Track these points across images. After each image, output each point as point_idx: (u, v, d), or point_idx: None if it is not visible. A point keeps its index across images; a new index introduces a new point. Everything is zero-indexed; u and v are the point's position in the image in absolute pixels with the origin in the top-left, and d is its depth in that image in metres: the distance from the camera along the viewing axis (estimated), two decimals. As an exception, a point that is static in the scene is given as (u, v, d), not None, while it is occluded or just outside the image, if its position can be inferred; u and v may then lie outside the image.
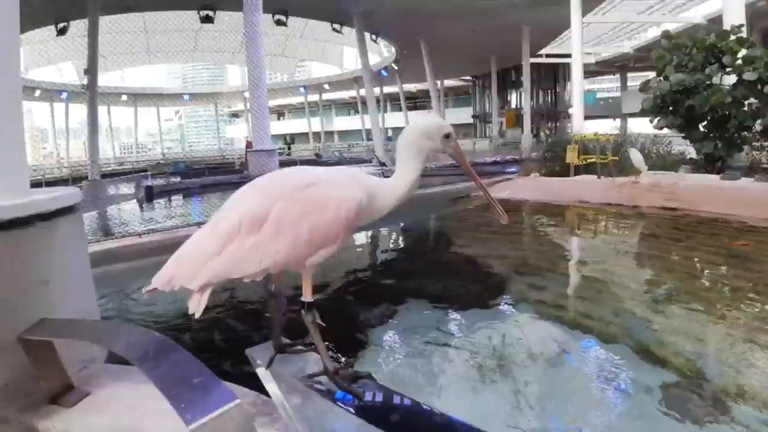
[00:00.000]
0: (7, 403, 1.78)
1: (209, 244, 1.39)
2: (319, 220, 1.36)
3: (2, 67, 2.04)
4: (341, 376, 1.44)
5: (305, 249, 1.37)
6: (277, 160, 19.54)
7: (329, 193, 1.40)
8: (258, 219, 1.35)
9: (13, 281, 1.83)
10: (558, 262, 6.33)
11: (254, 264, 1.35)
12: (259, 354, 1.61)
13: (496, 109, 36.77)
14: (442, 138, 1.53)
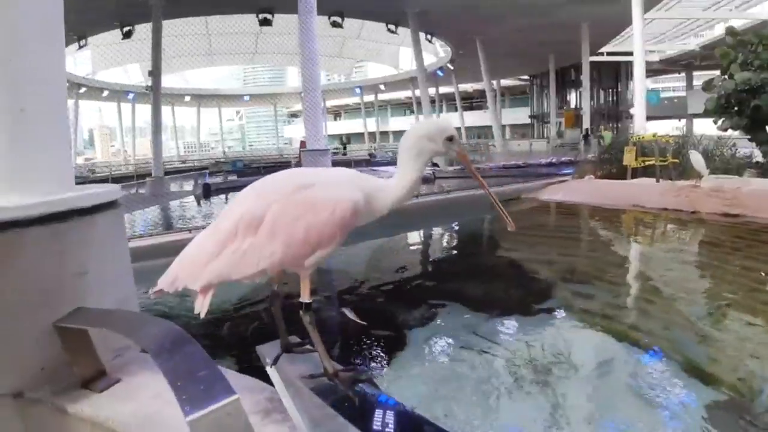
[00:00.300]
0: (42, 385, 1.88)
1: (209, 246, 1.43)
2: (314, 221, 1.37)
3: (48, 71, 2.16)
4: (341, 378, 1.45)
5: (301, 250, 1.39)
6: (329, 160, 19.76)
7: (324, 194, 1.41)
8: (254, 221, 1.38)
9: (52, 272, 1.94)
10: (607, 270, 6.11)
11: (252, 265, 1.39)
12: (269, 351, 1.65)
13: (554, 109, 35.91)
14: (444, 140, 1.50)
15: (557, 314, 4.63)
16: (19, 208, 1.85)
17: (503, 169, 16.91)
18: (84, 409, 1.79)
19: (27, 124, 2.02)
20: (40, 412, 1.86)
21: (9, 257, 1.84)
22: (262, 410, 1.74)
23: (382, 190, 1.53)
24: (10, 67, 1.96)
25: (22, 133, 2.00)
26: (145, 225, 10.96)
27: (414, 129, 1.54)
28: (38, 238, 1.91)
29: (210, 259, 1.41)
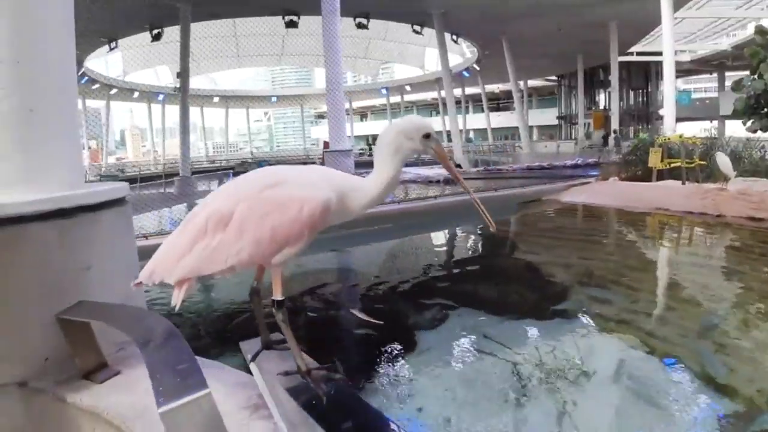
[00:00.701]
0: (45, 375, 1.96)
1: (181, 242, 1.47)
2: (281, 220, 1.38)
3: (59, 72, 2.23)
4: (313, 376, 1.46)
5: (268, 248, 1.40)
6: (352, 160, 19.84)
7: (292, 193, 1.41)
8: (223, 219, 1.41)
9: (57, 266, 2.02)
10: (626, 274, 5.98)
11: (221, 262, 1.41)
12: (251, 347, 1.67)
13: (582, 110, 35.39)
14: (421, 138, 1.50)
15: (572, 319, 4.56)
16: (26, 203, 1.93)
17: (527, 170, 16.73)
18: (83, 399, 1.85)
19: (36, 123, 2.09)
20: (43, 401, 1.93)
21: (15, 251, 1.91)
22: (252, 405, 1.77)
23: (357, 189, 1.54)
24: (21, 68, 2.03)
25: (31, 132, 2.07)
26: (170, 222, 11.15)
27: (391, 126, 1.54)
28: (44, 233, 1.99)
29: (182, 255, 1.45)
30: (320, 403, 1.39)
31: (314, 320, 4.78)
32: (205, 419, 1.11)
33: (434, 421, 3.15)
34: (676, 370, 3.58)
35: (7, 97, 1.98)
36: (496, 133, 45.25)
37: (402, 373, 3.80)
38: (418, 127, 1.51)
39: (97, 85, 33.61)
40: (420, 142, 1.51)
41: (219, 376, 2.02)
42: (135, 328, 1.55)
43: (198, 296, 5.60)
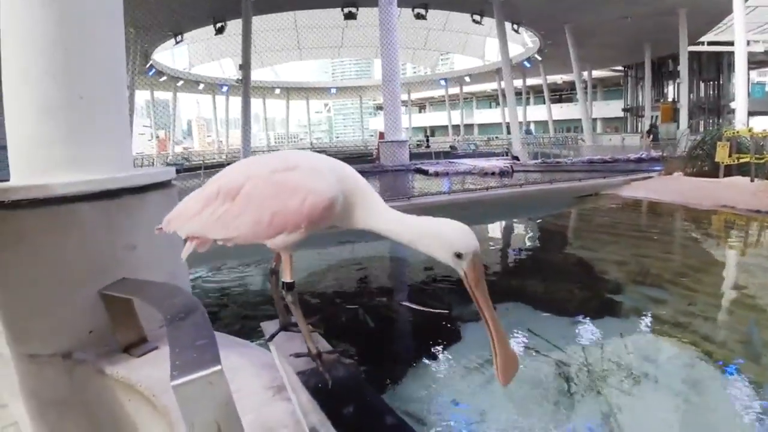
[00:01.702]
0: (89, 347, 2.08)
1: (194, 203, 1.55)
2: (282, 206, 1.38)
3: (109, 60, 2.32)
4: (323, 360, 1.46)
5: (265, 230, 1.41)
6: (407, 151, 19.84)
7: (299, 182, 1.39)
8: (232, 191, 1.44)
9: (103, 245, 2.12)
10: (685, 274, 5.66)
11: (222, 230, 1.46)
12: (271, 328, 1.70)
13: (649, 102, 33.85)
14: (452, 254, 1.32)
15: (623, 319, 4.38)
16: (74, 184, 2.04)
17: (587, 163, 16.19)
18: (119, 371, 1.95)
19: (85, 109, 2.19)
20: (84, 372, 2.05)
21: (63, 230, 2.03)
22: (276, 386, 1.81)
23: (368, 208, 1.44)
24: (70, 55, 2.13)
25: (80, 117, 2.18)
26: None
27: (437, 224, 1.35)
28: (91, 214, 2.09)
29: (193, 215, 1.53)
30: (326, 387, 1.40)
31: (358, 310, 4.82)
32: (215, 395, 1.14)
33: (469, 416, 3.12)
34: (732, 378, 3.38)
35: (56, 83, 2.09)
36: (558, 125, 44.00)
37: (440, 365, 3.77)
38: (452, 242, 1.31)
39: (165, 78, 35.02)
40: (450, 257, 1.33)
41: (249, 355, 2.07)
42: (165, 305, 1.62)
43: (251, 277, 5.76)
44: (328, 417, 1.30)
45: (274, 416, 1.64)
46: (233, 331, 4.17)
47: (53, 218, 1.99)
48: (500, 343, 1.27)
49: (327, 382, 1.39)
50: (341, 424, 1.26)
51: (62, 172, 2.12)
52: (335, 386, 1.39)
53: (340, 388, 1.39)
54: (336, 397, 1.37)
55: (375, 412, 1.33)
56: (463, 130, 51.48)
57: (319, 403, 1.35)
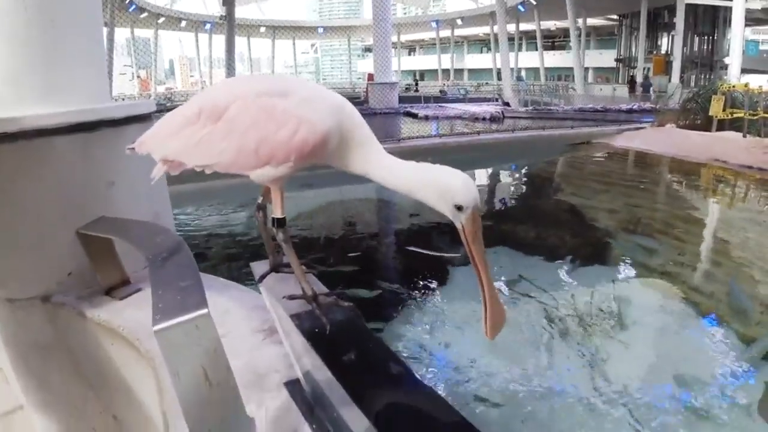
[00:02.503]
0: (68, 290, 1.97)
1: (173, 123, 1.38)
2: (270, 135, 1.23)
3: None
4: (319, 302, 1.36)
5: (249, 159, 1.27)
6: (397, 94, 19.47)
7: (293, 110, 1.24)
8: (215, 112, 1.28)
9: (79, 180, 1.98)
10: (676, 225, 5.70)
11: (201, 157, 1.31)
12: (261, 269, 1.60)
13: (642, 54, 33.32)
14: (452, 206, 1.18)
15: (613, 266, 4.40)
16: (49, 116, 1.88)
17: (578, 112, 16.05)
18: (101, 314, 1.85)
19: (58, 36, 2.00)
20: (65, 316, 1.94)
21: (37, 165, 1.88)
22: (267, 329, 1.73)
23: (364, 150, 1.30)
24: None
25: (52, 45, 1.99)
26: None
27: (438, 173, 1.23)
28: (66, 147, 1.94)
29: (169, 135, 1.36)
30: (324, 331, 1.31)
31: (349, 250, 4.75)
32: (201, 340, 1.04)
33: (459, 360, 3.11)
34: (717, 328, 3.42)
35: (26, 8, 1.89)
36: (549, 73, 43.35)
37: (431, 308, 3.76)
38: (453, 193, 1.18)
39: (145, 14, 33.62)
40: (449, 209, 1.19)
41: (238, 297, 1.99)
42: (146, 244, 1.50)
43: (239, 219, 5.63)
44: (324, 362, 1.22)
45: (264, 361, 1.56)
46: (219, 273, 4.09)
47: (25, 154, 1.84)
48: (491, 299, 1.18)
49: (324, 326, 1.29)
50: (339, 368, 1.18)
51: (34, 104, 1.95)
52: (333, 330, 1.30)
53: (339, 332, 1.30)
54: (333, 341, 1.28)
55: (376, 358, 1.25)
56: (452, 75, 50.62)
57: (314, 347, 1.26)
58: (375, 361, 1.25)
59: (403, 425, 1.17)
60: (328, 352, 1.24)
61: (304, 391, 1.41)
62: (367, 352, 1.29)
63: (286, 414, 1.35)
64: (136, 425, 1.98)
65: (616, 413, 2.62)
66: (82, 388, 2.10)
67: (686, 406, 2.68)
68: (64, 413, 2.12)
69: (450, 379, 2.97)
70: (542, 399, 2.77)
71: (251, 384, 1.47)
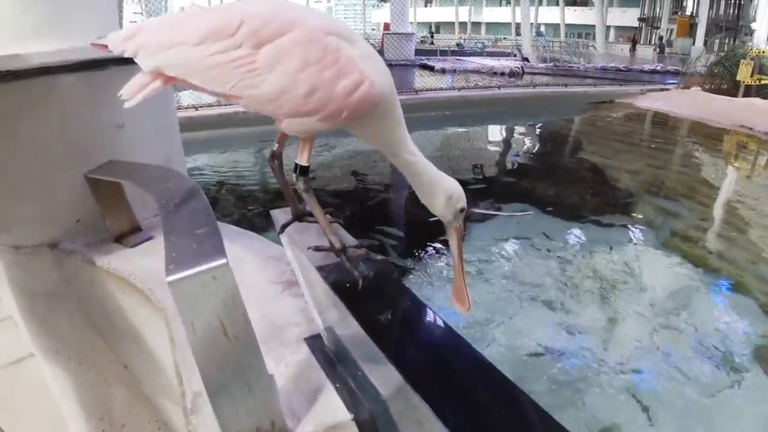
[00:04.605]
0: (77, 237, 1.89)
1: (193, 26, 1.06)
2: (330, 83, 1.05)
3: None
4: (348, 255, 1.25)
5: (294, 103, 1.07)
6: (413, 45, 18.96)
7: (361, 62, 1.08)
8: (264, 34, 1.03)
9: (86, 121, 1.86)
10: (700, 189, 5.54)
11: (226, 82, 1.06)
12: (282, 218, 1.50)
13: (667, 14, 32.15)
14: (458, 210, 1.28)
15: (634, 227, 4.30)
16: (53, 53, 1.75)
17: (600, 70, 15.60)
18: (111, 262, 1.77)
19: None
20: (74, 263, 1.87)
21: (41, 105, 1.77)
22: (285, 281, 1.64)
23: (400, 128, 1.24)
24: None
25: None
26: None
27: (450, 183, 1.29)
28: (72, 87, 1.81)
29: (183, 43, 1.05)
30: (354, 285, 1.21)
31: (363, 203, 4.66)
32: (218, 292, 0.95)
33: (475, 317, 3.05)
34: (740, 298, 3.33)
35: None
36: (570, 29, 42.07)
37: (449, 263, 3.68)
38: (461, 199, 1.28)
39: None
40: (453, 212, 1.28)
41: (252, 247, 1.90)
42: (158, 189, 1.40)
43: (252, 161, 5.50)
44: (353, 316, 1.13)
45: (283, 314, 1.48)
46: (234, 221, 4.02)
47: (28, 93, 1.72)
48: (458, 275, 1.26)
49: (356, 279, 1.20)
50: (368, 323, 1.09)
51: (37, 39, 1.80)
52: (364, 284, 1.21)
53: (369, 286, 1.22)
54: (363, 296, 1.20)
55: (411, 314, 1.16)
56: (470, 28, 49.29)
57: (342, 300, 1.17)
58: (410, 317, 1.16)
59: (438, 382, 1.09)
60: (357, 307, 1.15)
61: (326, 346, 1.34)
62: (401, 306, 1.20)
63: (306, 370, 1.28)
64: (147, 375, 1.94)
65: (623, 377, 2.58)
66: (91, 337, 2.06)
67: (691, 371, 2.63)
68: (74, 362, 2.08)
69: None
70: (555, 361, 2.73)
71: (269, 338, 1.39)
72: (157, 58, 1.07)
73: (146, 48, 1.08)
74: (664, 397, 2.46)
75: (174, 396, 1.63)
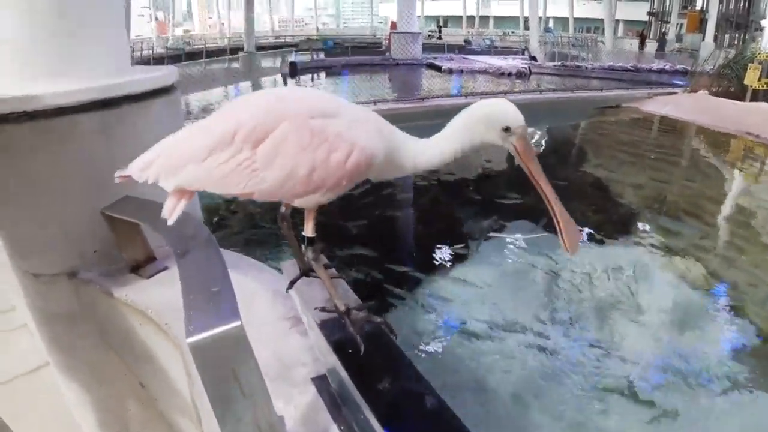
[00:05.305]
0: (94, 267, 1.97)
1: (197, 144, 1.20)
2: (324, 160, 1.16)
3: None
4: (352, 318, 1.33)
5: (297, 187, 1.19)
6: (420, 44, 18.95)
7: (344, 132, 1.18)
8: (257, 135, 1.15)
9: (101, 157, 1.92)
10: (702, 204, 5.52)
11: (237, 185, 1.18)
12: (291, 270, 1.58)
13: (677, 8, 31.85)
14: (500, 130, 1.23)
15: (634, 246, 4.33)
16: (69, 93, 1.82)
17: (608, 70, 15.51)
18: (128, 294, 1.85)
19: (74, 8, 1.91)
20: (91, 293, 1.95)
21: (58, 143, 1.83)
22: (293, 317, 1.73)
23: (408, 149, 1.30)
24: None
25: (69, 17, 1.91)
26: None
27: (476, 108, 1.26)
28: (87, 125, 1.89)
29: (192, 160, 1.19)
30: (354, 346, 1.29)
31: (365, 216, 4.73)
32: (232, 350, 1.03)
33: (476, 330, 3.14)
34: (736, 320, 3.35)
35: None
36: (579, 24, 41.78)
37: (450, 279, 3.76)
38: (501, 117, 1.23)
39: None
40: (499, 135, 1.24)
41: (262, 280, 1.98)
42: (172, 234, 1.48)
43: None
44: (352, 378, 1.22)
45: (291, 352, 1.57)
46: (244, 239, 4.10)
47: (44, 132, 1.79)
48: (561, 215, 1.24)
49: (358, 345, 1.28)
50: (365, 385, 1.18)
51: (53, 78, 1.87)
52: (366, 347, 1.29)
53: (368, 348, 1.29)
54: (363, 357, 1.28)
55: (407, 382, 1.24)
56: (478, 22, 49.03)
57: (346, 364, 1.25)
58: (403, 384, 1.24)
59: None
60: (356, 367, 1.24)
61: (331, 387, 1.42)
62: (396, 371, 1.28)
63: (314, 412, 1.36)
64: (163, 394, 2.01)
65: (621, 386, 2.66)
66: (108, 356, 2.13)
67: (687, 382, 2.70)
68: (88, 375, 2.16)
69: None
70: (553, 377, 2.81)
71: (279, 377, 1.48)
72: (177, 179, 1.20)
73: (164, 172, 1.21)
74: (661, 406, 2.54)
75: (189, 414, 1.72)
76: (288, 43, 30.78)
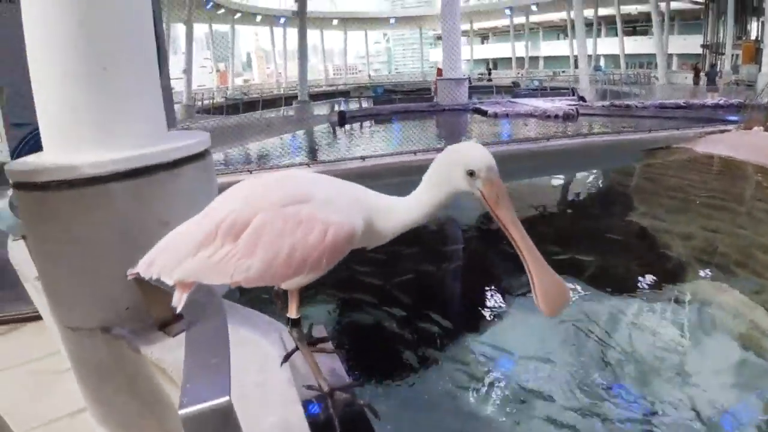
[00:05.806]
0: (125, 323, 2.08)
1: (189, 241, 1.31)
2: (302, 243, 1.22)
3: (131, 22, 2.15)
4: (334, 400, 1.37)
5: (281, 270, 1.25)
6: (466, 89, 19.13)
7: (318, 214, 1.24)
8: (236, 228, 1.24)
9: (134, 222, 2.05)
10: (756, 255, 5.11)
11: (225, 275, 1.27)
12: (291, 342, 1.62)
13: (731, 40, 30.92)
14: (465, 175, 1.18)
15: (681, 304, 4.04)
16: (103, 164, 1.96)
17: (659, 108, 15.12)
18: (154, 352, 1.95)
19: (110, 81, 2.05)
20: (121, 348, 2.06)
21: (94, 208, 1.98)
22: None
23: (390, 211, 1.32)
24: (87, 27, 1.99)
25: (105, 92, 2.05)
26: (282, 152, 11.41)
27: (449, 150, 1.24)
28: (122, 192, 2.02)
29: (186, 256, 1.30)
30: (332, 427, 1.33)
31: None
32: (220, 428, 1.09)
33: (505, 394, 3.06)
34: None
35: (78, 53, 1.99)
36: (630, 60, 41.21)
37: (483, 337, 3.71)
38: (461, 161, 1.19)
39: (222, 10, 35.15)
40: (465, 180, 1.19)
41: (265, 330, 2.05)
42: (188, 302, 1.56)
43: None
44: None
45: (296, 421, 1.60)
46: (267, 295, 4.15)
47: (82, 199, 1.95)
48: (535, 265, 1.12)
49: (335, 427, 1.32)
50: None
51: (91, 148, 2.03)
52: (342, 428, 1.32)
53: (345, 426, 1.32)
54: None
55: None
56: (527, 63, 49.18)
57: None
58: None
59: None
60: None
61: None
62: None
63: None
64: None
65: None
66: (137, 406, 2.21)
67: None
68: (121, 422, 2.26)
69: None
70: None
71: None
72: (176, 273, 1.33)
73: (164, 268, 1.34)
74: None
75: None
76: (340, 91, 31.77)
